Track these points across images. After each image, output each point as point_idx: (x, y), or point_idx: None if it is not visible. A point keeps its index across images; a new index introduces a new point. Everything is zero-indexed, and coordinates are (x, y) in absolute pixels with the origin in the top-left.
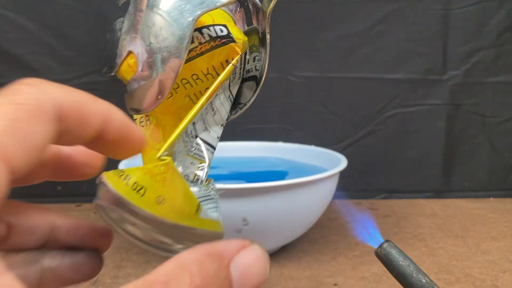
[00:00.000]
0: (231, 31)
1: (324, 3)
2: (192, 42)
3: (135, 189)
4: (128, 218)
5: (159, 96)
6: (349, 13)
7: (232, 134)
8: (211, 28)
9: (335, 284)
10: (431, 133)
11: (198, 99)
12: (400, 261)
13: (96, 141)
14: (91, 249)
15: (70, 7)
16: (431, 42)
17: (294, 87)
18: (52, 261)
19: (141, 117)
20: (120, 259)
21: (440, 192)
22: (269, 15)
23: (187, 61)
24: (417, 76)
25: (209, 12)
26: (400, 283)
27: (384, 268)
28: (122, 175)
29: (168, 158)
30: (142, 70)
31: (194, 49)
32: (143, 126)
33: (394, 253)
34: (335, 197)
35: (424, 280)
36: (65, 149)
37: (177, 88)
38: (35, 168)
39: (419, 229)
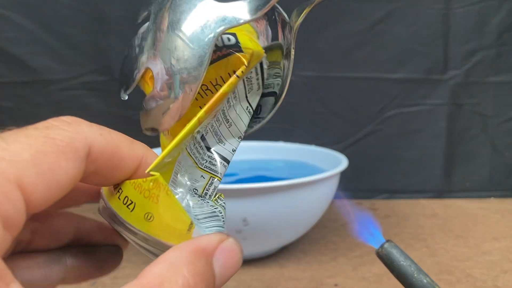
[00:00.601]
0: (240, 40)
1: (324, 2)
2: None
3: (125, 203)
4: (122, 230)
5: (177, 117)
6: (350, 12)
7: None
8: (218, 37)
9: (336, 285)
10: (432, 133)
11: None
12: (401, 261)
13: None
14: (111, 245)
15: (69, 6)
16: (432, 42)
17: (294, 86)
18: (74, 260)
19: None
20: None
21: (441, 192)
22: (296, 30)
23: None
24: (417, 75)
25: None
26: (401, 283)
27: (385, 269)
28: (116, 187)
29: (157, 174)
30: (160, 90)
31: None
32: (165, 135)
33: (395, 253)
34: (336, 197)
35: (425, 280)
36: None
37: None
38: (75, 194)
39: (420, 229)
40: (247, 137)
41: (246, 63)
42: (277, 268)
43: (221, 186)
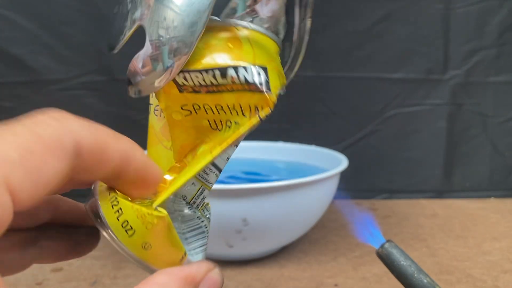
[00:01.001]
0: (270, 75)
1: (324, 2)
2: (225, 78)
3: (124, 227)
4: (112, 244)
5: (165, 83)
6: (350, 12)
7: None
8: (249, 69)
9: (336, 285)
10: (432, 133)
11: (217, 126)
12: (402, 261)
13: (112, 179)
14: (88, 226)
15: (68, 6)
16: (432, 42)
17: (295, 86)
18: (50, 242)
19: (156, 105)
20: (119, 260)
21: (441, 192)
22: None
23: (214, 92)
24: (418, 75)
25: (251, 43)
26: (402, 283)
27: (385, 269)
28: (116, 204)
29: (164, 213)
30: (143, 66)
31: (225, 85)
32: (156, 116)
33: (395, 253)
34: (336, 197)
35: (425, 280)
36: None
37: (198, 109)
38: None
39: (420, 229)
40: (247, 137)
41: (271, 106)
42: (277, 268)
43: (222, 186)
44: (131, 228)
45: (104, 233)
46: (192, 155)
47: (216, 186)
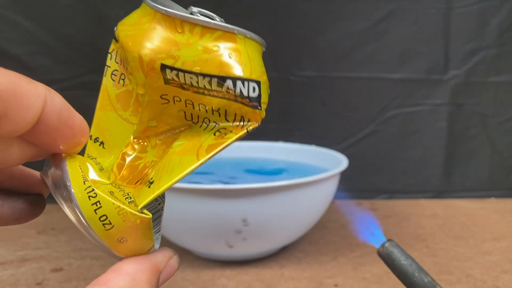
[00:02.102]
0: (262, 90)
1: (325, 2)
2: (221, 86)
3: (102, 220)
4: (73, 220)
5: None
6: (350, 12)
7: None
8: (246, 83)
9: (336, 285)
10: (432, 133)
11: (192, 118)
12: (402, 260)
13: (34, 128)
14: (33, 194)
15: (67, 6)
16: (433, 42)
17: (295, 86)
18: None
19: (115, 70)
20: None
21: (441, 192)
22: None
23: (202, 94)
24: (418, 75)
25: (249, 55)
26: (402, 282)
27: (385, 269)
28: (93, 196)
29: (149, 215)
30: None
31: (217, 91)
32: (114, 81)
33: (396, 252)
34: (336, 197)
35: (426, 280)
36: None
37: (178, 101)
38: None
39: (420, 229)
40: (247, 137)
41: (260, 122)
42: (277, 268)
43: (222, 186)
44: (110, 223)
45: (67, 209)
46: (157, 139)
47: (216, 186)
